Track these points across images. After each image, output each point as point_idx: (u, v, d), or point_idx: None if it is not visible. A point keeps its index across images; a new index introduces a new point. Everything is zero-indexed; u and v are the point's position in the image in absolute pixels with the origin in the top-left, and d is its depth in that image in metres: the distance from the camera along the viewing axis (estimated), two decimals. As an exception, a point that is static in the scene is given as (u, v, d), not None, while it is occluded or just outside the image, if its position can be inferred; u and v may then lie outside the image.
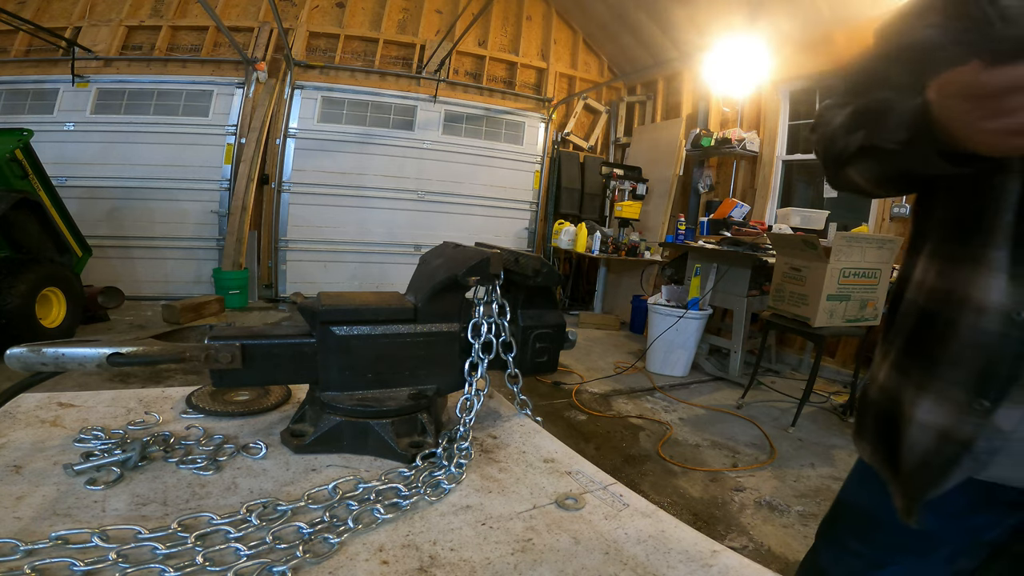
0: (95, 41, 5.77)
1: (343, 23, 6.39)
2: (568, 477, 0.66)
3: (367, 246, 6.61)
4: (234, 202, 5.79)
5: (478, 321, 0.72)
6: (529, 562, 0.49)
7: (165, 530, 0.49)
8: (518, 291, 0.78)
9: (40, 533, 0.48)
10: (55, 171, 4.95)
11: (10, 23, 5.13)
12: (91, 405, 0.79)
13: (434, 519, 0.55)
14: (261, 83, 5.99)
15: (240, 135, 5.94)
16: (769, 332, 3.92)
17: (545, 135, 7.13)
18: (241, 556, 0.47)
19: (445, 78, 6.54)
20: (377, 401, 0.69)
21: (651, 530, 0.55)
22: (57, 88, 5.71)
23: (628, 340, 5.44)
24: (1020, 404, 0.57)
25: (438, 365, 0.74)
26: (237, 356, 0.64)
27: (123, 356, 0.58)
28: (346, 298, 0.72)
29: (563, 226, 6.52)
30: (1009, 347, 0.57)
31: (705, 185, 6.01)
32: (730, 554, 0.51)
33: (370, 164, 6.45)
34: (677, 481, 2.59)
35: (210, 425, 0.74)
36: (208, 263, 6.01)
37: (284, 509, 0.54)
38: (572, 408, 3.46)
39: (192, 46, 6.06)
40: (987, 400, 0.58)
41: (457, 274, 0.71)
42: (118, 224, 5.81)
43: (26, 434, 0.68)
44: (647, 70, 6.63)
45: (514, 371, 0.77)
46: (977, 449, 0.59)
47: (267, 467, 0.64)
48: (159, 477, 0.60)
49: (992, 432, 0.59)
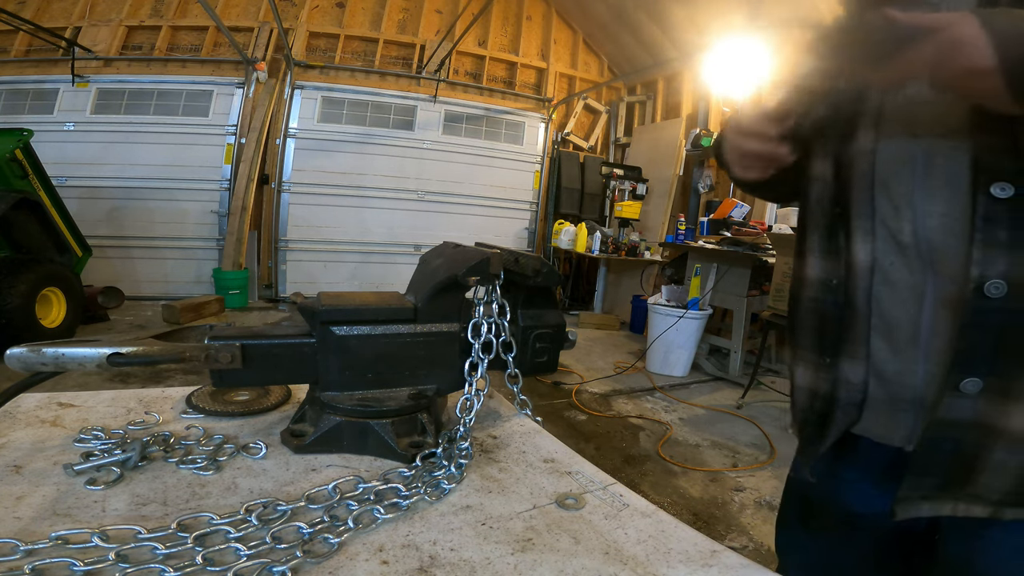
0: (95, 41, 5.77)
1: (343, 23, 6.39)
2: (568, 477, 0.66)
3: (367, 246, 6.61)
4: (234, 202, 5.79)
5: (478, 321, 0.72)
6: (529, 562, 0.49)
7: (165, 530, 0.49)
8: (518, 291, 0.78)
9: (40, 533, 0.48)
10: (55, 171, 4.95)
11: (10, 23, 5.13)
12: (91, 405, 0.79)
13: (434, 519, 0.55)
14: (261, 83, 5.99)
15: (240, 135, 5.94)
16: (769, 332, 3.92)
17: (545, 135, 7.13)
18: (241, 556, 0.47)
19: (445, 78, 6.54)
20: (377, 401, 0.69)
21: (651, 530, 0.55)
22: (57, 88, 5.71)
23: (628, 340, 5.44)
24: (857, 358, 0.67)
25: (438, 365, 0.73)
26: (237, 356, 0.64)
27: (123, 356, 0.58)
28: (346, 298, 0.72)
29: (563, 226, 6.51)
30: (830, 309, 0.69)
31: (705, 185, 6.00)
32: (730, 554, 0.51)
33: (370, 164, 6.45)
34: (677, 481, 2.59)
35: (210, 425, 0.74)
36: (208, 263, 6.01)
37: (284, 509, 0.54)
38: (572, 408, 3.46)
39: (192, 46, 6.06)
40: (828, 356, 0.70)
41: (457, 274, 0.70)
42: (118, 224, 5.81)
43: (26, 434, 0.68)
44: (647, 70, 6.62)
45: (514, 371, 0.77)
46: (841, 400, 0.68)
47: (267, 467, 0.64)
48: (159, 477, 0.60)
49: (847, 385, 0.67)
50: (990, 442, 0.56)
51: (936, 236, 0.59)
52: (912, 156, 0.62)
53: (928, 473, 0.59)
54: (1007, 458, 0.55)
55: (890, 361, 0.64)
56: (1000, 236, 0.55)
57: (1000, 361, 0.55)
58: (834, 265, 0.70)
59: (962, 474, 0.58)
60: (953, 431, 0.57)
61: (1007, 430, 0.55)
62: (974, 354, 0.56)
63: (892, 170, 0.63)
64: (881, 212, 0.64)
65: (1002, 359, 0.55)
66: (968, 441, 0.57)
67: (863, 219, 0.66)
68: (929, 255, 0.60)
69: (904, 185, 0.62)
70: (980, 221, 0.56)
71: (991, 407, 0.56)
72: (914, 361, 0.62)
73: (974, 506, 0.59)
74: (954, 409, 0.57)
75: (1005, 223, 0.55)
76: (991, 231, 0.55)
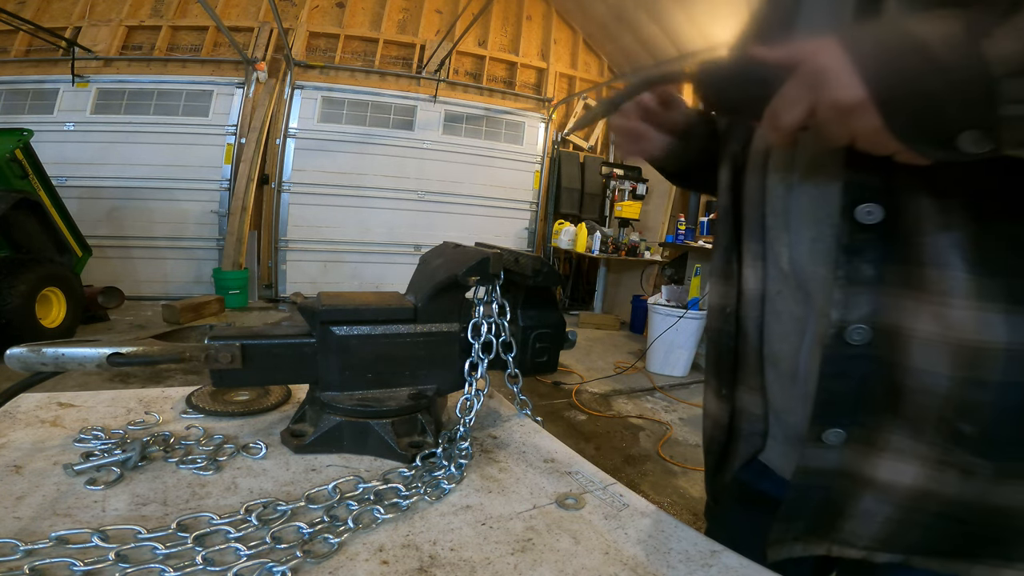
0: (95, 41, 5.77)
1: (343, 23, 6.39)
2: (568, 477, 0.66)
3: (367, 246, 6.61)
4: (234, 202, 5.79)
5: (478, 321, 0.72)
6: (529, 562, 0.49)
7: (165, 530, 0.49)
8: (518, 291, 0.78)
9: (40, 533, 0.48)
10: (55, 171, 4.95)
11: (10, 23, 5.13)
12: (91, 405, 0.79)
13: (434, 519, 0.55)
14: (261, 83, 5.99)
15: (240, 135, 5.94)
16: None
17: (545, 135, 7.13)
18: (241, 556, 0.47)
19: (445, 78, 6.54)
20: (377, 401, 0.69)
21: (651, 530, 0.55)
22: (57, 88, 5.72)
23: (628, 340, 5.44)
24: (754, 389, 0.61)
25: (438, 365, 0.73)
26: (237, 356, 0.64)
27: (123, 356, 0.58)
28: (346, 298, 0.72)
29: (563, 226, 6.51)
30: (724, 340, 0.64)
31: (705, 185, 5.99)
32: (730, 554, 0.51)
33: (370, 164, 6.45)
34: (677, 481, 2.59)
35: (210, 425, 0.74)
36: (208, 263, 6.01)
37: (284, 509, 0.54)
38: (572, 408, 3.46)
39: (192, 46, 6.06)
40: (725, 388, 0.65)
41: (457, 274, 0.70)
42: (118, 224, 5.81)
43: (26, 434, 0.68)
44: (647, 70, 6.62)
45: (514, 371, 0.77)
46: (744, 431, 0.64)
47: (267, 467, 0.64)
48: (159, 477, 0.60)
49: (748, 416, 0.63)
50: (858, 490, 0.51)
51: (807, 265, 0.51)
52: (790, 168, 0.54)
53: (798, 517, 0.54)
54: (874, 507, 0.50)
55: (779, 397, 0.59)
56: (865, 272, 0.46)
57: (863, 413, 0.49)
58: (729, 290, 0.63)
59: (829, 520, 0.53)
60: (820, 478, 0.52)
61: (874, 480, 0.50)
62: (835, 405, 0.50)
63: (775, 184, 0.55)
64: (770, 234, 0.56)
65: (864, 411, 0.49)
66: (836, 488, 0.52)
67: (754, 241, 0.58)
68: (805, 286, 0.52)
69: (782, 202, 0.54)
70: (842, 254, 0.47)
71: (856, 457, 0.50)
72: (795, 400, 0.56)
73: (847, 548, 0.53)
74: (818, 458, 0.52)
75: (871, 255, 0.46)
76: (855, 266, 0.47)
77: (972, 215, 0.43)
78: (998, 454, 0.44)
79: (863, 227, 0.46)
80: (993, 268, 0.42)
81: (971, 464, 0.45)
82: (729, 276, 0.63)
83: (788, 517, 0.55)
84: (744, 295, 0.61)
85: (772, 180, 0.56)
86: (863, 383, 0.48)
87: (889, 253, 0.46)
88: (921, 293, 0.44)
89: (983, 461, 0.45)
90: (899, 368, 0.46)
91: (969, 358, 0.43)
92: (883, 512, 0.50)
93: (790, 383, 0.56)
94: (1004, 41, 0.35)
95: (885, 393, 0.48)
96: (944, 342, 0.43)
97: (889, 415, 0.48)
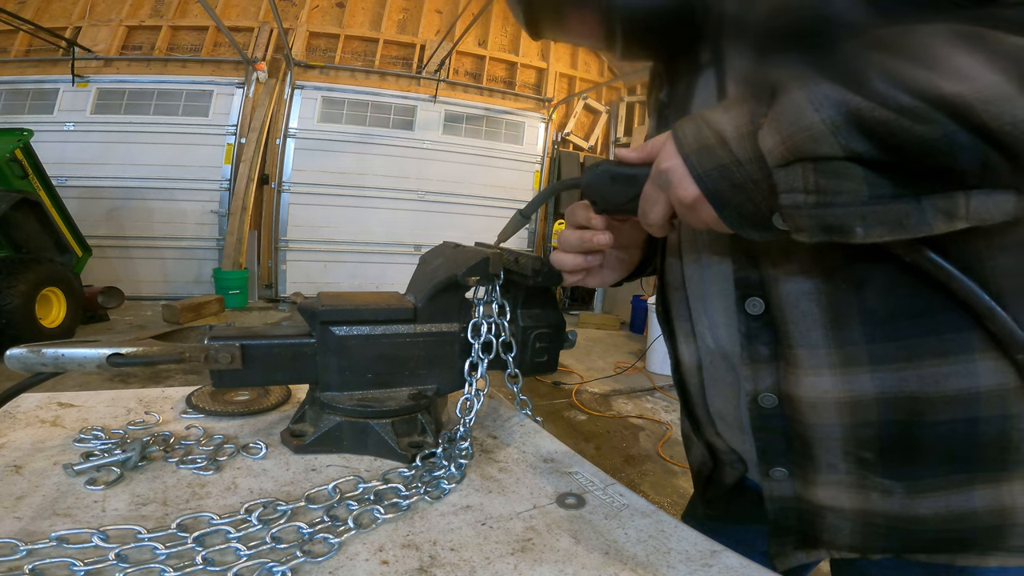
0: (95, 41, 5.77)
1: (343, 23, 6.39)
2: (568, 477, 0.66)
3: (367, 246, 6.61)
4: (234, 202, 5.79)
5: (478, 321, 0.72)
6: (529, 562, 0.49)
7: (165, 530, 0.49)
8: (518, 291, 0.78)
9: (40, 533, 0.48)
10: (55, 171, 4.96)
11: (10, 23, 5.14)
12: (91, 405, 0.79)
13: (434, 519, 0.55)
14: (261, 83, 5.99)
15: (240, 135, 5.95)
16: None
17: (545, 135, 7.14)
18: (241, 556, 0.47)
19: (445, 78, 6.54)
20: (377, 401, 0.69)
21: (651, 530, 0.55)
22: (57, 88, 5.72)
23: (628, 340, 5.44)
24: (716, 434, 0.65)
25: (438, 365, 0.73)
26: (237, 356, 0.64)
27: (123, 356, 0.58)
28: (346, 298, 0.72)
29: (563, 226, 6.51)
30: (680, 394, 0.69)
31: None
32: (730, 554, 0.51)
33: (370, 164, 6.46)
34: (677, 481, 2.59)
35: (210, 425, 0.74)
36: (208, 263, 6.01)
37: (284, 509, 0.54)
38: (572, 408, 3.46)
39: (192, 46, 6.06)
40: (689, 420, 0.69)
41: (457, 274, 0.70)
42: (118, 224, 5.81)
43: (26, 434, 0.68)
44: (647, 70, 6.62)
45: (514, 371, 0.77)
46: (724, 460, 0.67)
47: (267, 467, 0.64)
48: (159, 477, 0.60)
49: (721, 451, 0.66)
50: (822, 511, 0.55)
51: (727, 344, 0.57)
52: (698, 251, 0.59)
53: (787, 533, 0.59)
54: (838, 523, 0.55)
55: (734, 441, 0.64)
56: (762, 352, 0.53)
57: (792, 455, 0.55)
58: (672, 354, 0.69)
59: (812, 534, 0.57)
60: (787, 503, 0.57)
61: (828, 505, 0.54)
62: (769, 452, 0.56)
63: (690, 265, 0.61)
64: (695, 315, 0.62)
65: (792, 454, 0.55)
66: (803, 510, 0.57)
67: (682, 320, 0.64)
68: (729, 359, 0.58)
69: (698, 286, 0.60)
70: (743, 339, 0.54)
71: (804, 486, 0.55)
72: (746, 443, 0.61)
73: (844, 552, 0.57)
74: (777, 489, 0.57)
75: (765, 339, 0.53)
76: (754, 348, 0.53)
77: (829, 299, 0.48)
78: (901, 476, 0.49)
79: (753, 317, 0.53)
80: (853, 338, 0.48)
81: (885, 484, 0.50)
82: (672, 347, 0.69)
83: (778, 533, 0.59)
84: (683, 365, 0.67)
85: (687, 262, 0.61)
86: (784, 434, 0.55)
87: (775, 336, 0.52)
88: (798, 369, 0.51)
89: (892, 482, 0.50)
90: (803, 424, 0.53)
91: (851, 409, 0.49)
92: (846, 527, 0.54)
93: (739, 432, 0.61)
94: (767, 134, 0.38)
95: (801, 442, 0.53)
96: (830, 401, 0.50)
97: (810, 456, 0.53)
